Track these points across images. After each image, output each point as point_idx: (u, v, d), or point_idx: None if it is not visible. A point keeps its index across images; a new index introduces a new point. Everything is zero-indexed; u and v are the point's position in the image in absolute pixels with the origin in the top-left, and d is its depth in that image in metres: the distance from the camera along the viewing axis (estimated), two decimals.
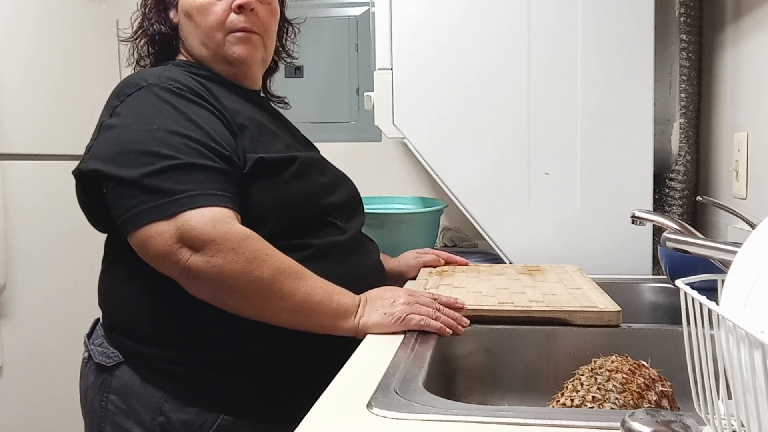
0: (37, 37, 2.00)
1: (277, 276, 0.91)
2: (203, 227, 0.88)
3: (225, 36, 1.08)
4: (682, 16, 1.61)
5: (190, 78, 1.03)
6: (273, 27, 1.15)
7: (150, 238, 0.89)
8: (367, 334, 0.96)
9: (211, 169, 0.93)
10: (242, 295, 0.91)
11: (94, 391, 1.03)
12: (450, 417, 0.66)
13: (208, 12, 1.07)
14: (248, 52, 1.09)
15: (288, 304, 0.92)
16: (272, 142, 1.05)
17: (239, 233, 0.90)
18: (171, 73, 1.02)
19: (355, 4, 2.25)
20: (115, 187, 0.93)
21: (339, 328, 0.96)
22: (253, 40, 1.10)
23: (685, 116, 1.63)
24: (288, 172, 1.03)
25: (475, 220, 1.54)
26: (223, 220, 0.90)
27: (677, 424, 0.50)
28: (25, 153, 1.93)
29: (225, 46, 1.08)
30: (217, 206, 0.91)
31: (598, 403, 0.77)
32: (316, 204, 1.07)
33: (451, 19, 1.52)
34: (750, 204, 1.36)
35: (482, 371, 0.98)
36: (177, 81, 0.99)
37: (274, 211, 1.00)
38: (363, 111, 2.20)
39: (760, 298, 0.47)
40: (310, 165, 1.09)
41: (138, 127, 0.95)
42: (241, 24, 1.07)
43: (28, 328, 1.94)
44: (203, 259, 0.88)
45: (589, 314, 0.98)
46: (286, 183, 1.02)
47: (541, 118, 1.51)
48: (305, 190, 1.05)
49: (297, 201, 1.04)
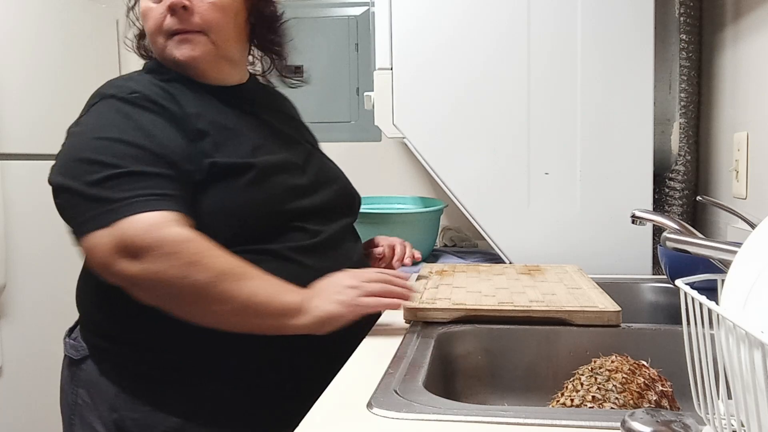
0: (37, 37, 2.00)
1: (218, 278, 0.88)
2: (138, 234, 0.87)
3: (166, 40, 1.04)
4: (682, 16, 1.61)
5: (156, 84, 1.02)
6: (221, 20, 1.05)
7: (91, 249, 0.89)
8: (327, 329, 0.93)
9: (155, 175, 0.92)
10: (183, 300, 0.90)
11: (67, 384, 1.06)
12: (450, 417, 0.66)
13: (147, 17, 1.05)
14: (189, 54, 1.03)
15: (231, 306, 0.90)
16: (236, 145, 1.02)
17: (176, 236, 0.88)
18: (135, 81, 1.03)
19: (355, 4, 2.25)
20: (62, 195, 0.94)
21: (289, 327, 0.92)
22: (194, 40, 1.03)
23: (685, 116, 1.63)
24: (245, 177, 0.99)
25: (475, 220, 1.54)
26: (159, 224, 0.88)
27: (677, 424, 0.50)
28: (25, 153, 1.93)
29: (167, 50, 1.04)
30: (156, 210, 0.89)
31: (598, 403, 0.77)
32: (276, 209, 1.02)
33: (451, 19, 1.52)
34: (750, 204, 1.36)
35: (482, 371, 0.98)
36: (135, 90, 0.99)
37: (229, 216, 0.98)
38: (363, 111, 2.20)
39: (760, 298, 0.47)
40: (276, 168, 1.04)
41: (87, 137, 0.96)
42: (175, 26, 1.02)
43: (28, 328, 1.94)
44: (141, 267, 0.87)
45: (589, 314, 0.98)
46: (241, 188, 0.99)
47: (541, 117, 1.51)
48: (263, 196, 1.01)
49: (253, 207, 0.99)
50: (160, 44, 1.05)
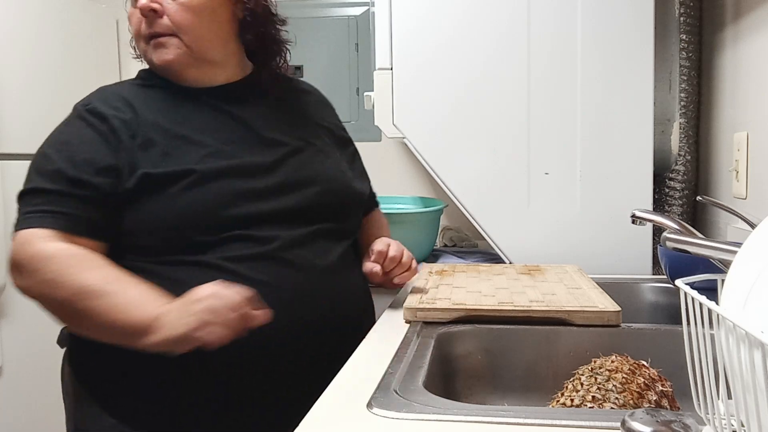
0: (37, 37, 2.00)
1: (76, 296, 0.88)
2: (15, 250, 0.91)
3: (146, 44, 1.04)
4: (682, 16, 1.61)
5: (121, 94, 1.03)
6: (193, 22, 1.02)
7: None
8: (181, 349, 0.87)
9: (52, 192, 0.94)
10: (54, 314, 0.92)
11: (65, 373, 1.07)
12: (450, 417, 0.66)
13: (131, 22, 1.05)
14: (165, 57, 1.02)
15: (90, 323, 0.89)
16: (185, 153, 0.98)
17: (41, 254, 0.89)
18: (103, 92, 1.04)
19: (355, 4, 2.26)
20: None
21: (141, 345, 0.87)
22: (167, 43, 1.02)
23: (685, 116, 1.63)
24: (179, 184, 0.96)
25: (475, 220, 1.54)
26: (31, 242, 0.90)
27: (677, 424, 0.50)
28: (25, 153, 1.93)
29: (147, 54, 1.05)
30: (33, 228, 0.91)
31: (598, 403, 0.77)
32: (213, 216, 0.97)
33: (451, 19, 1.52)
34: (750, 204, 1.36)
35: (482, 371, 0.98)
36: (89, 103, 1.01)
37: (162, 226, 0.96)
38: (363, 111, 2.20)
39: (760, 298, 0.47)
40: (220, 173, 0.98)
41: (39, 149, 1.01)
42: (147, 31, 1.02)
43: (28, 328, 1.94)
44: (19, 281, 0.92)
45: (589, 314, 0.98)
46: (175, 196, 0.96)
47: (541, 117, 1.51)
48: (197, 203, 0.96)
49: (187, 214, 0.96)
50: (142, 48, 1.05)
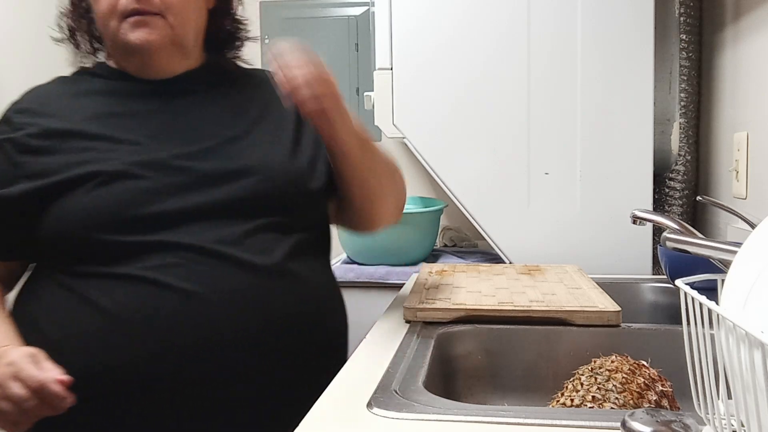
0: (37, 37, 2.00)
1: None
2: None
3: (120, 23, 0.95)
4: (682, 16, 1.61)
5: (49, 92, 1.01)
6: (183, 3, 0.97)
7: None
8: None
9: None
10: None
11: None
12: (450, 417, 0.66)
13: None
14: (147, 37, 0.95)
15: None
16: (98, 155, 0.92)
17: None
18: (35, 90, 1.03)
19: (355, 4, 2.25)
20: None
21: None
22: (152, 22, 0.95)
23: (685, 116, 1.63)
24: (83, 188, 0.90)
25: (475, 220, 1.54)
26: None
27: (677, 424, 0.50)
28: None
29: (120, 34, 0.95)
30: None
31: (598, 403, 0.77)
32: (118, 217, 0.89)
33: (451, 19, 1.52)
34: (750, 204, 1.36)
35: (482, 371, 0.98)
36: (11, 105, 1.00)
37: (63, 233, 0.90)
38: (363, 111, 2.19)
39: (760, 298, 0.47)
40: (129, 171, 0.91)
41: None
42: (132, 5, 0.93)
43: None
44: None
45: (589, 314, 0.98)
46: (76, 199, 0.90)
47: (541, 117, 1.51)
48: (96, 206, 0.89)
49: (86, 218, 0.89)
50: (113, 27, 0.96)
